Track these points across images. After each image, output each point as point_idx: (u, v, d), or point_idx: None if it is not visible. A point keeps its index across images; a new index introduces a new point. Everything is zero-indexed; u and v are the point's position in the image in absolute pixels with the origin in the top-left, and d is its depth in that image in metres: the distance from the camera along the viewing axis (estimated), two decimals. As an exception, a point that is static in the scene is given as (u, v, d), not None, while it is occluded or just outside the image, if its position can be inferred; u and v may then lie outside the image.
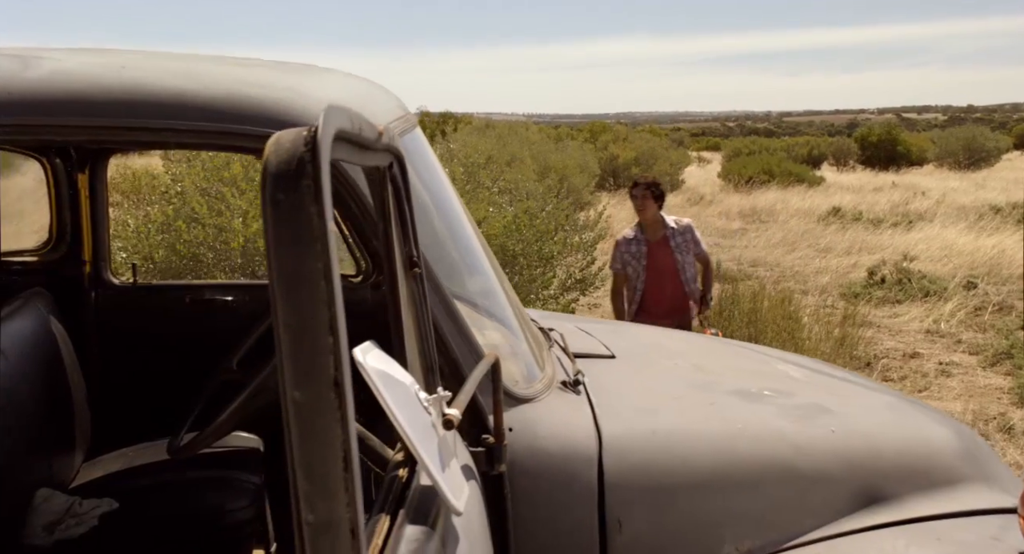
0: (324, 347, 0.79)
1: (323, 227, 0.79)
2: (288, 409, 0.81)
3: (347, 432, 0.80)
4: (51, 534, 2.05)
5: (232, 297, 2.98)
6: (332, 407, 0.80)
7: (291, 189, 0.79)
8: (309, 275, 0.79)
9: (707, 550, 1.75)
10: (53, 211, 2.85)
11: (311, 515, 0.81)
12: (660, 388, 2.08)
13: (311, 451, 0.81)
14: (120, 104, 1.52)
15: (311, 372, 0.80)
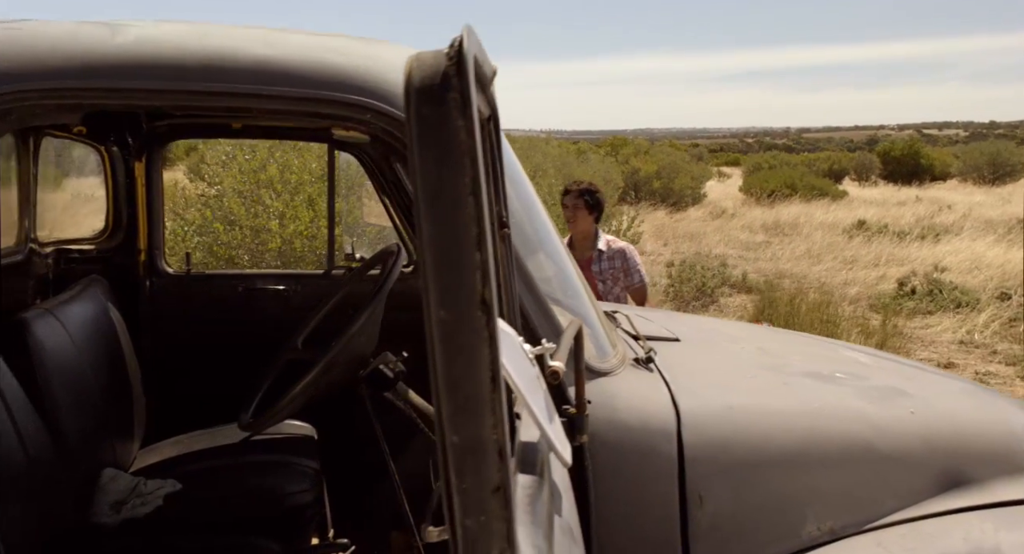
0: (471, 264, 0.77)
1: (470, 142, 0.78)
2: (432, 328, 0.79)
3: (494, 351, 0.78)
4: (118, 513, 2.05)
5: (284, 286, 2.99)
6: (479, 325, 0.78)
7: (437, 103, 0.78)
8: (455, 190, 0.77)
9: (789, 528, 1.71)
10: (110, 200, 2.87)
11: (455, 436, 0.79)
12: (730, 368, 2.05)
13: (456, 371, 0.79)
14: (205, 69, 1.53)
15: (457, 290, 0.78)
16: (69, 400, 2.07)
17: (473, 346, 0.78)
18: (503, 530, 0.80)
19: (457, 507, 0.81)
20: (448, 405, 0.79)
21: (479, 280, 0.78)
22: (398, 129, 1.60)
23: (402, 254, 2.00)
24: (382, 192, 2.99)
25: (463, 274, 0.78)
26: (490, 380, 0.78)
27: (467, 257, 0.78)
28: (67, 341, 2.18)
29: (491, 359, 0.78)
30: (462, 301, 0.78)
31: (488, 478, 0.80)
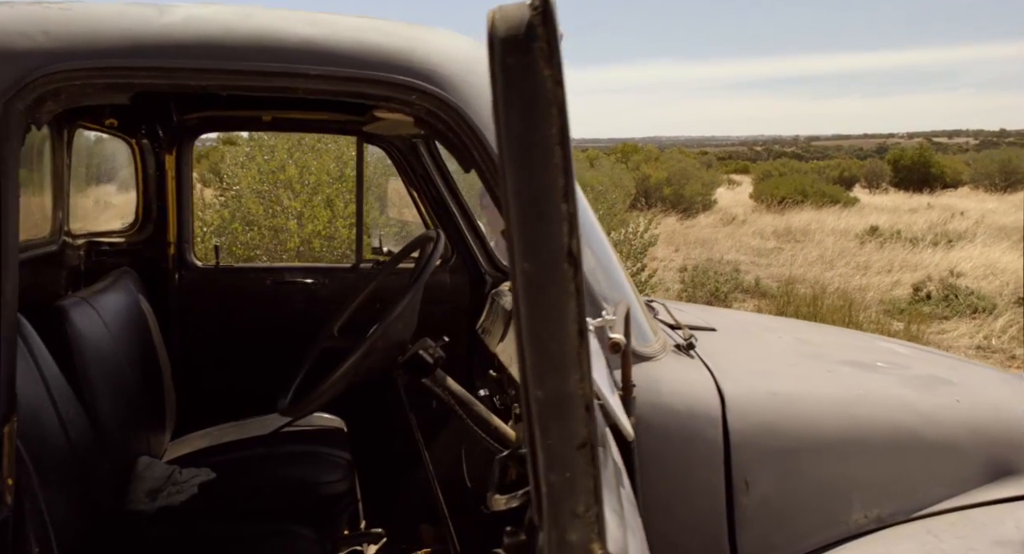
0: (558, 215, 0.76)
1: (557, 92, 0.77)
2: (517, 281, 0.78)
3: (581, 305, 0.77)
4: (153, 501, 2.04)
5: (312, 280, 2.99)
6: (566, 278, 0.77)
7: (522, 52, 0.77)
8: (542, 141, 0.76)
9: (836, 515, 1.69)
10: (140, 193, 2.88)
11: (540, 391, 0.78)
12: (771, 356, 2.03)
13: (541, 324, 0.77)
14: (252, 49, 1.53)
15: (543, 242, 0.77)
16: (105, 388, 2.06)
17: (559, 299, 0.77)
18: (589, 486, 0.79)
19: (542, 463, 0.79)
20: (533, 359, 0.78)
21: (566, 232, 0.77)
22: (442, 109, 1.59)
23: (442, 240, 1.99)
24: (410, 185, 2.99)
25: (550, 226, 0.77)
26: (577, 334, 0.77)
27: (554, 209, 0.77)
28: (103, 330, 2.18)
29: (578, 312, 0.77)
30: (549, 254, 0.77)
31: (574, 433, 0.78)
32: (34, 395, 1.71)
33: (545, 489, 0.80)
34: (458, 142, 1.64)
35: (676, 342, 1.88)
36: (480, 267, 2.92)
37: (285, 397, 1.96)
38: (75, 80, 1.45)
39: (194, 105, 2.77)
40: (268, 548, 1.92)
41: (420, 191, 2.94)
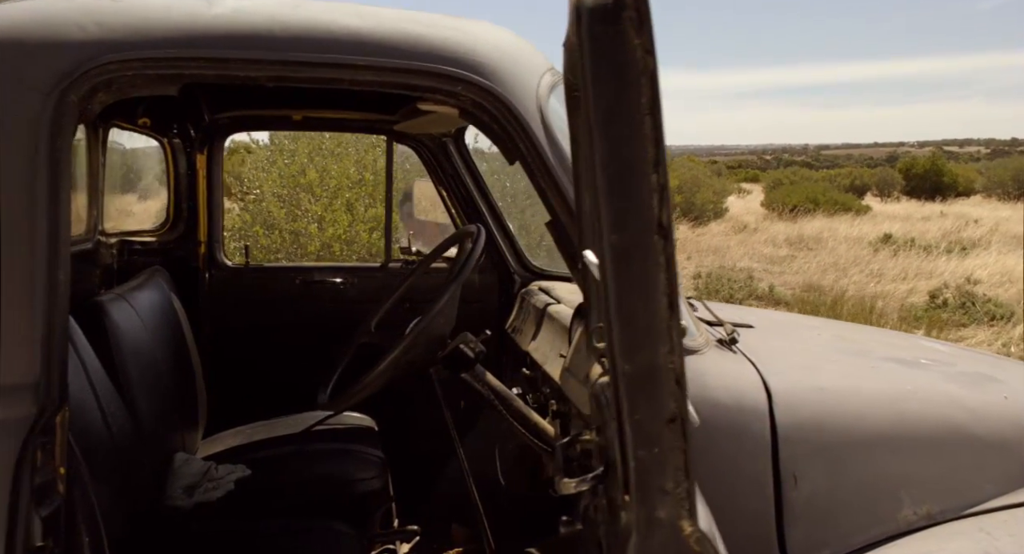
0: (648, 186, 0.75)
1: (648, 61, 0.76)
2: (605, 254, 0.77)
3: (672, 277, 0.76)
4: (191, 496, 2.03)
5: (341, 279, 2.98)
6: (656, 250, 0.76)
7: (612, 21, 0.76)
8: (632, 110, 0.76)
9: (886, 511, 1.66)
10: (171, 192, 2.89)
11: (628, 365, 0.77)
12: (813, 352, 2.01)
13: (630, 297, 0.76)
14: (300, 39, 1.53)
15: (632, 213, 0.76)
16: (143, 383, 2.06)
17: (649, 271, 0.76)
18: (679, 461, 0.77)
19: (630, 438, 0.78)
20: (621, 333, 0.77)
21: (656, 203, 0.76)
22: (488, 100, 1.59)
23: (483, 234, 1.98)
24: (439, 184, 2.99)
25: (640, 197, 0.76)
26: (667, 307, 0.76)
27: (644, 179, 0.76)
28: (140, 326, 2.18)
29: (668, 284, 0.76)
30: (638, 225, 0.76)
31: (663, 408, 0.77)
32: (78, 388, 1.71)
33: (633, 465, 0.78)
34: (503, 134, 1.63)
35: (718, 337, 1.86)
36: (509, 267, 2.92)
37: (324, 392, 1.95)
38: (127, 71, 1.46)
39: (225, 104, 2.78)
40: (305, 544, 1.91)
41: (449, 190, 2.94)
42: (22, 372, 1.35)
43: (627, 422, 0.78)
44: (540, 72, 1.70)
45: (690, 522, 0.78)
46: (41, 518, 1.32)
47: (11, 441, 1.31)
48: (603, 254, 0.78)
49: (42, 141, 1.39)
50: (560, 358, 2.20)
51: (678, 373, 0.76)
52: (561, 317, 2.38)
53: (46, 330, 1.37)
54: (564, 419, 2.07)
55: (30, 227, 1.37)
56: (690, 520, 0.78)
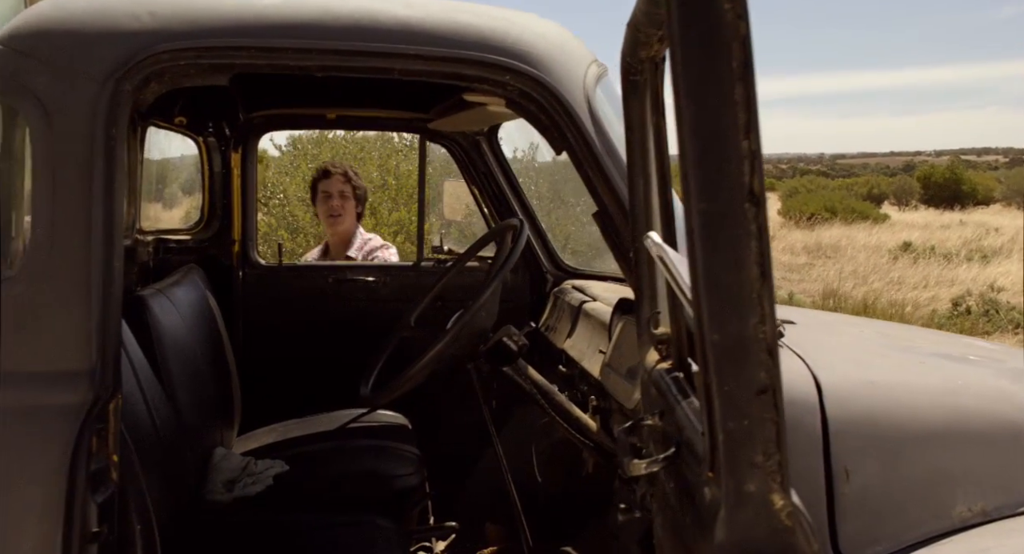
0: (738, 153, 0.74)
1: (739, 25, 0.75)
2: (693, 222, 0.76)
3: (763, 245, 0.75)
4: (230, 491, 2.03)
5: (373, 278, 2.99)
6: (747, 217, 0.74)
7: None
8: (722, 76, 0.75)
9: (940, 507, 1.63)
10: (206, 191, 2.90)
11: (717, 335, 0.75)
12: (859, 347, 1.98)
13: (719, 266, 0.75)
14: (350, 28, 1.53)
15: (722, 180, 0.75)
16: (183, 378, 2.07)
17: (739, 239, 0.75)
18: (770, 434, 0.76)
19: (718, 410, 0.77)
20: (709, 303, 0.76)
21: (748, 170, 0.75)
22: (536, 90, 1.59)
23: (525, 227, 1.97)
24: (472, 183, 2.99)
25: (730, 163, 0.75)
26: (758, 275, 0.75)
27: (734, 145, 0.75)
28: (179, 321, 2.19)
29: (759, 253, 0.75)
30: (728, 192, 0.75)
31: (753, 379, 0.76)
32: (125, 380, 1.71)
33: (722, 437, 0.77)
34: (550, 124, 1.63)
35: None
36: (542, 266, 2.91)
37: (365, 386, 1.95)
38: (179, 60, 1.46)
39: (260, 103, 2.80)
40: (345, 537, 1.91)
41: (482, 189, 2.94)
42: (79, 359, 1.36)
43: (715, 394, 0.77)
44: (586, 63, 1.70)
45: (781, 496, 0.76)
46: (97, 504, 1.32)
47: (69, 426, 1.32)
48: (691, 223, 0.77)
49: (98, 129, 1.40)
50: (599, 354, 2.19)
51: (769, 343, 0.75)
52: (598, 314, 2.37)
53: (101, 318, 1.37)
54: (604, 414, 2.05)
55: (86, 214, 1.38)
56: (781, 494, 0.76)
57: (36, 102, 1.40)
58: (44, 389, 1.35)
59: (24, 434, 1.33)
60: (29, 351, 1.36)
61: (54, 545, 1.29)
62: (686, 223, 0.77)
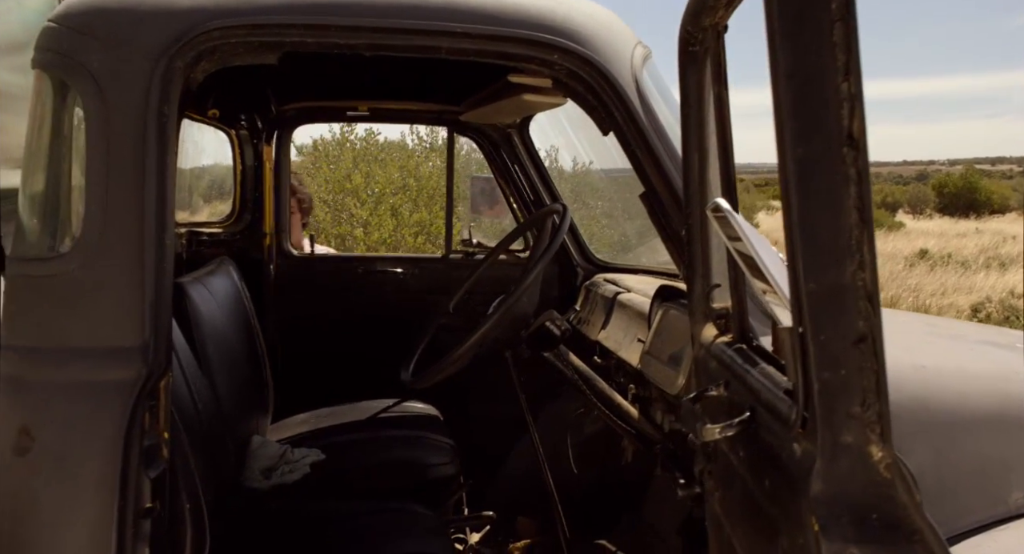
0: (837, 96, 0.73)
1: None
2: (788, 168, 0.75)
3: (863, 190, 0.73)
4: (268, 479, 2.02)
5: (402, 270, 2.98)
6: (845, 162, 0.73)
7: None
8: (821, 15, 0.73)
9: (995, 493, 1.60)
10: (238, 183, 2.91)
11: (812, 283, 0.74)
12: (906, 334, 1.95)
13: (815, 212, 0.74)
14: (399, 7, 1.53)
15: (819, 124, 0.73)
16: (221, 365, 2.07)
17: (836, 185, 0.73)
18: (869, 383, 0.74)
19: (813, 361, 0.75)
20: (805, 251, 0.75)
21: (847, 113, 0.73)
22: (584, 69, 1.58)
23: (568, 212, 1.96)
24: (499, 176, 2.99)
25: (827, 106, 0.73)
26: (857, 220, 0.73)
27: (833, 88, 0.73)
28: (216, 309, 2.19)
29: (858, 197, 0.73)
30: (826, 136, 0.73)
31: (851, 328, 0.74)
32: None
33: (817, 387, 0.75)
34: (598, 103, 1.62)
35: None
36: (572, 259, 2.89)
37: (407, 371, 1.94)
38: (231, 38, 1.47)
39: (292, 96, 2.81)
40: (385, 523, 1.89)
41: (512, 183, 2.93)
42: (132, 335, 1.35)
43: (810, 344, 0.75)
44: (632, 43, 1.69)
45: (880, 447, 0.75)
46: (150, 479, 1.32)
47: (123, 402, 1.31)
48: (785, 170, 0.75)
49: (151, 106, 1.41)
50: (637, 343, 2.17)
51: (869, 290, 0.73)
52: (635, 304, 2.35)
53: (155, 294, 1.37)
54: (644, 403, 2.03)
55: (140, 191, 1.38)
56: (880, 445, 0.75)
57: (90, 79, 1.40)
58: (98, 365, 1.34)
59: (79, 409, 1.33)
60: (83, 327, 1.36)
61: (110, 520, 1.28)
62: (780, 171, 0.76)
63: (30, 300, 1.38)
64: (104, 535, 1.29)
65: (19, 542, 1.30)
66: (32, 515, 1.30)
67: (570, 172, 5.68)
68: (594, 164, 4.50)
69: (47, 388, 1.34)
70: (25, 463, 1.31)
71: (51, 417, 1.33)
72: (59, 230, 1.44)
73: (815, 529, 0.74)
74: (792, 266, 0.75)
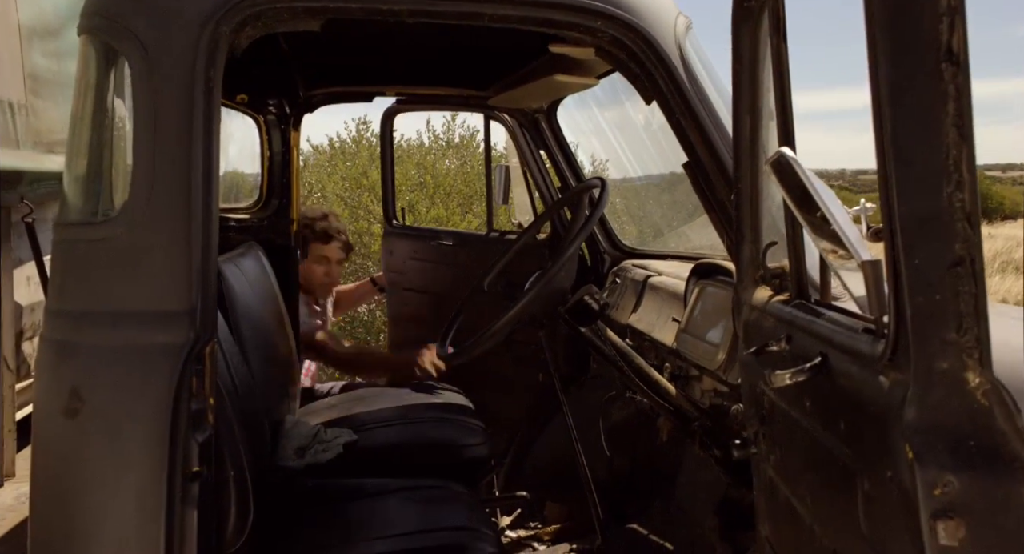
0: (935, 9, 0.71)
1: None
2: (881, 88, 0.73)
3: (962, 108, 0.71)
4: (302, 457, 2.01)
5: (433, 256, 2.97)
6: (943, 79, 0.71)
7: None
8: None
9: None
10: (265, 170, 2.90)
11: (905, 206, 0.72)
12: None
13: (910, 133, 0.72)
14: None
15: (917, 40, 0.72)
16: (254, 343, 2.06)
17: (932, 103, 0.72)
18: (967, 307, 0.72)
19: (906, 285, 0.74)
20: (898, 173, 0.73)
21: (946, 28, 0.72)
22: (627, 36, 1.56)
23: (607, 187, 1.94)
24: (525, 164, 2.98)
25: (924, 21, 0.72)
26: (956, 139, 0.71)
27: (930, 2, 0.72)
28: (249, 290, 2.19)
29: (957, 114, 0.72)
30: (922, 53, 0.72)
31: (946, 251, 0.73)
32: None
33: (910, 313, 0.74)
34: (642, 72, 1.61)
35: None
36: (600, 245, 2.88)
37: (443, 346, 1.93)
38: (276, 3, 1.46)
39: (320, 81, 2.80)
40: (423, 499, 1.88)
41: (539, 168, 2.92)
42: (180, 300, 1.34)
43: (903, 268, 0.74)
44: (675, 12, 1.68)
45: (977, 373, 0.73)
46: (198, 443, 1.31)
47: (171, 365, 1.31)
48: (878, 90, 0.74)
49: (198, 71, 1.40)
50: (671, 323, 2.15)
51: (968, 211, 0.71)
52: (667, 285, 2.33)
53: (202, 259, 1.36)
54: (680, 381, 2.02)
55: (187, 155, 1.37)
56: (978, 371, 0.73)
57: (137, 44, 1.40)
58: (147, 328, 1.34)
59: (129, 372, 1.32)
60: (132, 291, 1.35)
61: (159, 482, 1.27)
62: (872, 91, 0.74)
63: (79, 265, 1.38)
64: (153, 497, 1.28)
65: (68, 503, 1.29)
66: (81, 477, 1.29)
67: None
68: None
69: (97, 351, 1.33)
70: (75, 425, 1.30)
71: (101, 380, 1.32)
72: (107, 194, 1.43)
73: (909, 457, 0.73)
74: (884, 190, 0.73)
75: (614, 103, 3.02)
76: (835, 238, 1.06)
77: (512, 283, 2.00)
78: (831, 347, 0.95)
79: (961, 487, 0.71)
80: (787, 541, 1.23)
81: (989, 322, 0.74)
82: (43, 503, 1.31)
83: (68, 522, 1.29)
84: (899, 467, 0.75)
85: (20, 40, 2.48)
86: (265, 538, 1.57)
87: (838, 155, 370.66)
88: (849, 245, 1.01)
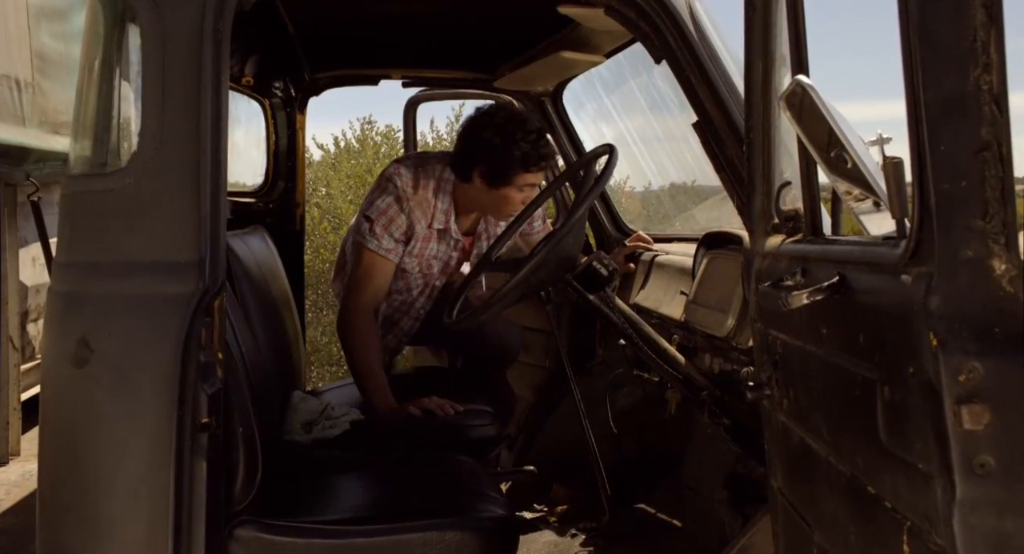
0: None
1: None
2: None
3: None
4: (309, 432, 2.00)
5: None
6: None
7: None
8: None
9: None
10: (271, 153, 2.90)
11: (930, 91, 0.71)
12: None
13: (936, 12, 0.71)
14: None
15: None
16: (260, 318, 2.04)
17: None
18: (994, 193, 0.71)
19: (930, 171, 0.73)
20: (923, 54, 0.72)
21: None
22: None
23: (616, 153, 1.93)
24: None
25: None
26: (984, 20, 0.70)
27: None
28: (256, 268, 2.18)
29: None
30: None
31: (972, 137, 0.71)
32: None
33: (934, 200, 0.73)
34: (651, 30, 1.60)
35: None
36: (605, 228, 2.87)
37: (449, 314, 1.91)
38: None
39: (326, 63, 2.81)
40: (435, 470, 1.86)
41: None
42: (188, 250, 1.34)
43: (928, 154, 0.72)
44: None
45: (1003, 259, 0.71)
46: (207, 395, 1.30)
47: (180, 316, 1.30)
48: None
49: (207, 24, 1.40)
50: (679, 297, 2.14)
51: (996, 95, 0.70)
52: (674, 262, 2.32)
53: (211, 210, 1.36)
54: (689, 352, 2.00)
55: (196, 107, 1.37)
56: (1005, 257, 0.71)
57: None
58: (156, 278, 1.33)
59: (138, 322, 1.31)
60: (141, 241, 1.35)
61: (169, 431, 1.26)
62: None
63: (88, 216, 1.38)
64: (163, 446, 1.27)
65: (77, 451, 1.28)
66: (92, 425, 1.28)
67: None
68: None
69: (106, 301, 1.33)
70: (84, 374, 1.29)
71: (110, 329, 1.31)
72: (116, 146, 1.43)
73: (934, 345, 0.71)
74: (909, 74, 0.72)
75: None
76: (852, 175, 1.05)
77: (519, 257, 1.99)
78: (848, 265, 0.94)
79: (986, 373, 0.70)
80: (802, 486, 1.21)
81: (1016, 207, 0.72)
82: (52, 452, 1.30)
83: (77, 470, 1.28)
84: (923, 359, 0.73)
85: (28, 18, 2.48)
86: (272, 499, 1.55)
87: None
88: (868, 175, 1.01)
